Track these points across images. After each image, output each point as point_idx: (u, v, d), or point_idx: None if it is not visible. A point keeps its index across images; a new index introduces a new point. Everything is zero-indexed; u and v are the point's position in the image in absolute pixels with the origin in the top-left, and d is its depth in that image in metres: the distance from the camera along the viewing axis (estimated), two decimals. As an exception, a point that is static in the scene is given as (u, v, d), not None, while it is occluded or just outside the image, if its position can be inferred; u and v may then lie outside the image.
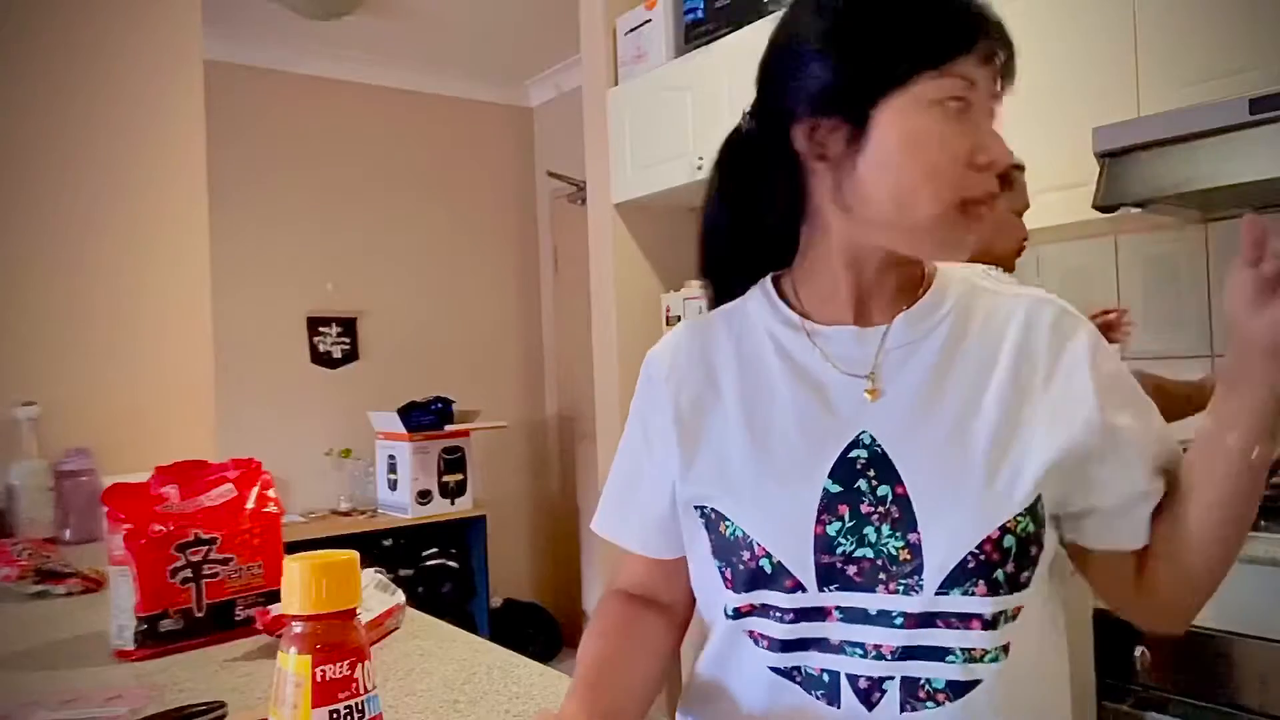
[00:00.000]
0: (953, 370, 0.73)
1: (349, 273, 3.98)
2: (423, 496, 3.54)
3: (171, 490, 1.15)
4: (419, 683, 0.94)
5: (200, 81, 2.34)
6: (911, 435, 0.71)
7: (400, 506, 3.57)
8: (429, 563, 3.69)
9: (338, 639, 0.51)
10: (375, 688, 0.53)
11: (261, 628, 1.07)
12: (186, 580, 1.09)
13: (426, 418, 3.54)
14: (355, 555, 0.54)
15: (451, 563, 3.73)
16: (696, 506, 0.76)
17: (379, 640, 1.09)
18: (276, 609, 1.07)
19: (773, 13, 2.38)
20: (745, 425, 0.75)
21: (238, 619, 1.12)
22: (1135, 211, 1.74)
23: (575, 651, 0.79)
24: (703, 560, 0.76)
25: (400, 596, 1.16)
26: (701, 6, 2.63)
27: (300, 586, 0.51)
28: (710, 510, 0.74)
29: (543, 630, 4.13)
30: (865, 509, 0.69)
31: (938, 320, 0.75)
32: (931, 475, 0.69)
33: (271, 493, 1.20)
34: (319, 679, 0.50)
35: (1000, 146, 0.70)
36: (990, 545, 0.67)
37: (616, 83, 2.92)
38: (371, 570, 1.16)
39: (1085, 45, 1.81)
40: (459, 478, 3.63)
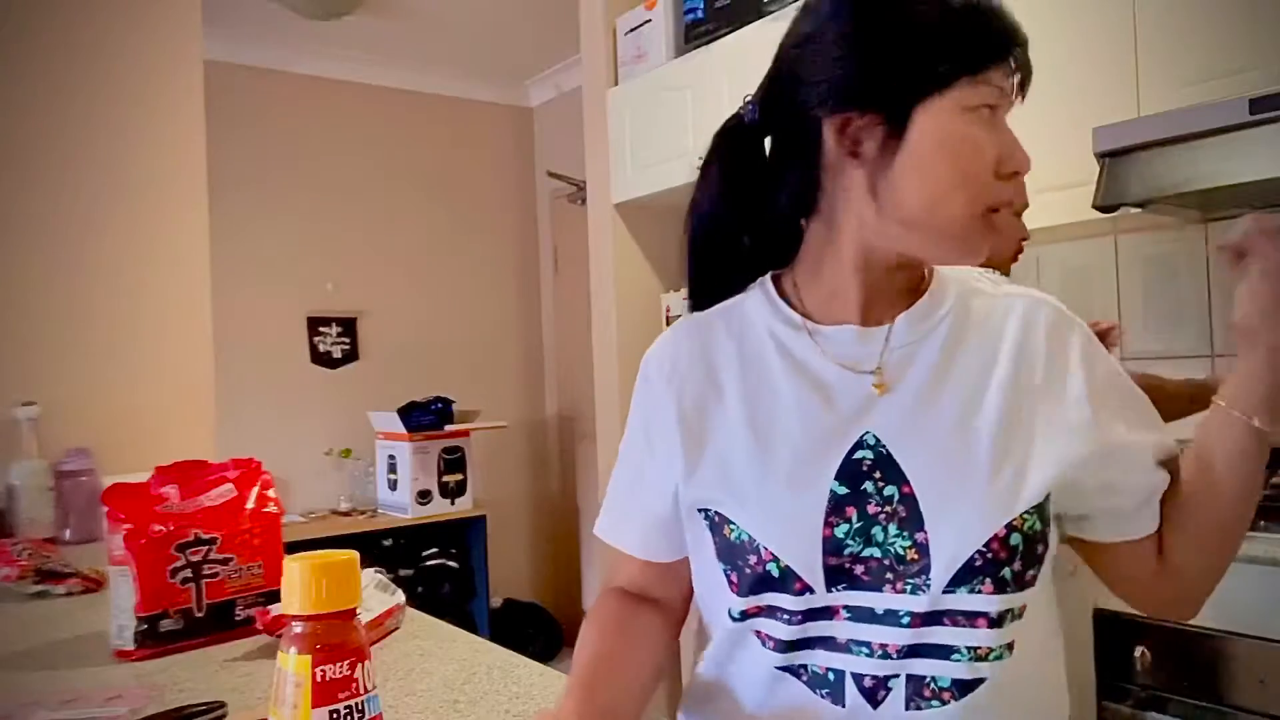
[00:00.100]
0: (953, 370, 0.73)
1: (349, 273, 3.98)
2: (423, 496, 3.54)
3: (171, 490, 1.15)
4: (419, 683, 0.94)
5: (200, 81, 2.34)
6: (915, 434, 0.71)
7: (400, 506, 3.57)
8: (429, 563, 3.69)
9: (338, 639, 0.51)
10: (375, 688, 0.53)
11: (261, 628, 1.07)
12: (186, 580, 1.09)
13: (426, 418, 3.54)
14: (355, 555, 0.53)
15: (451, 563, 3.73)
16: (701, 509, 0.75)
17: (379, 640, 1.09)
18: (276, 609, 1.07)
19: (773, 13, 2.38)
20: (748, 426, 0.75)
21: (238, 619, 1.12)
22: (1135, 211, 1.74)
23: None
24: (707, 563, 0.75)
25: (400, 596, 1.16)
26: (701, 6, 2.63)
27: (300, 586, 0.51)
28: (715, 513, 0.74)
29: (543, 630, 4.13)
30: (872, 509, 0.69)
31: (938, 321, 0.76)
32: (937, 474, 0.69)
33: (271, 493, 1.20)
34: (319, 679, 0.50)
35: (1024, 156, 0.71)
36: (998, 543, 0.67)
37: (616, 83, 2.91)
38: (371, 570, 1.16)
39: (1085, 45, 1.81)
40: (459, 478, 3.63)
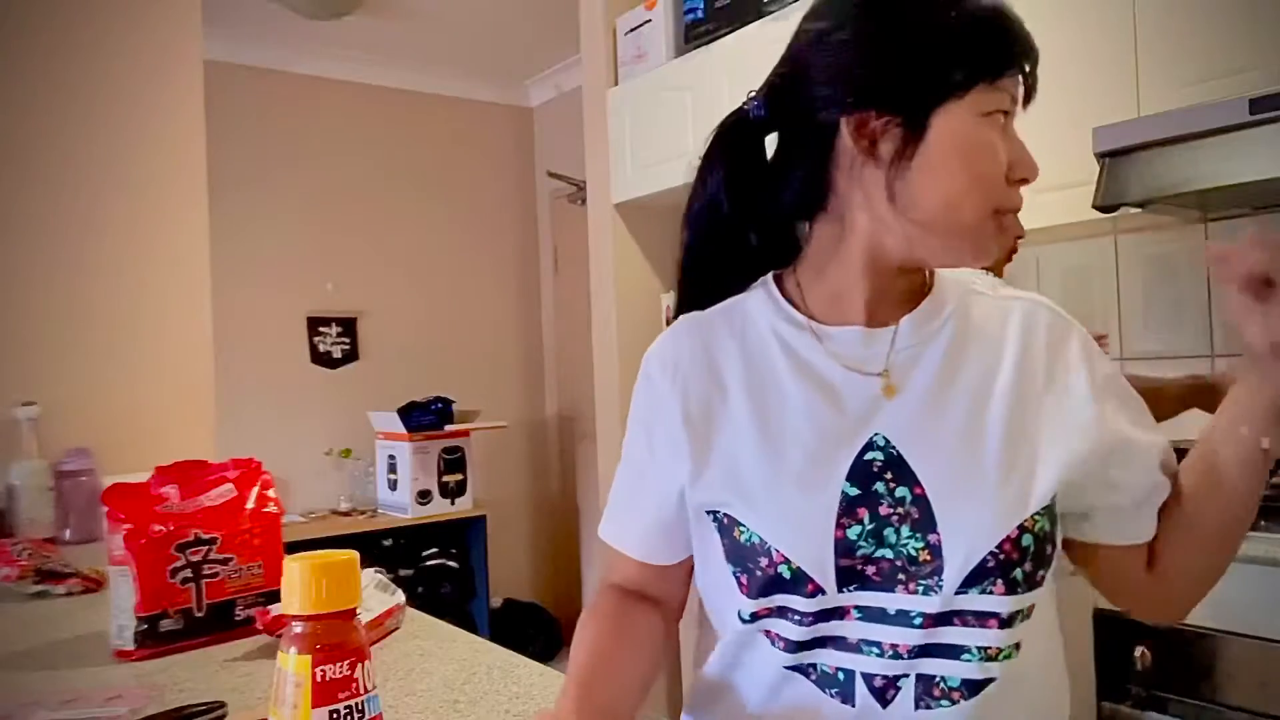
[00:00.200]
0: (958, 373, 0.74)
1: (349, 273, 3.98)
2: (423, 496, 3.54)
3: (171, 490, 1.15)
4: (419, 683, 0.94)
5: (200, 81, 2.34)
6: (924, 436, 0.71)
7: (400, 506, 3.57)
8: (429, 563, 3.69)
9: (338, 639, 0.51)
10: (375, 688, 0.53)
11: (261, 628, 1.07)
12: (186, 580, 1.09)
13: (426, 418, 3.54)
14: (355, 555, 0.53)
15: (451, 563, 3.73)
16: (709, 511, 0.74)
17: (379, 640, 1.09)
18: (276, 609, 1.08)
19: (773, 13, 2.38)
20: (755, 426, 0.74)
21: (238, 619, 1.12)
22: (1135, 211, 1.74)
23: (574, 651, 0.78)
24: (715, 565, 0.75)
25: (400, 596, 1.16)
26: (701, 6, 2.63)
27: (300, 586, 0.51)
28: (724, 515, 0.73)
29: (543, 630, 4.13)
30: (884, 511, 0.69)
31: (941, 323, 0.76)
32: (947, 476, 0.70)
33: (271, 493, 1.20)
34: (319, 679, 0.50)
35: (1032, 163, 0.72)
36: (1010, 544, 0.67)
37: (616, 83, 2.91)
38: (371, 570, 1.16)
39: (1085, 45, 1.81)
40: (459, 478, 3.63)
